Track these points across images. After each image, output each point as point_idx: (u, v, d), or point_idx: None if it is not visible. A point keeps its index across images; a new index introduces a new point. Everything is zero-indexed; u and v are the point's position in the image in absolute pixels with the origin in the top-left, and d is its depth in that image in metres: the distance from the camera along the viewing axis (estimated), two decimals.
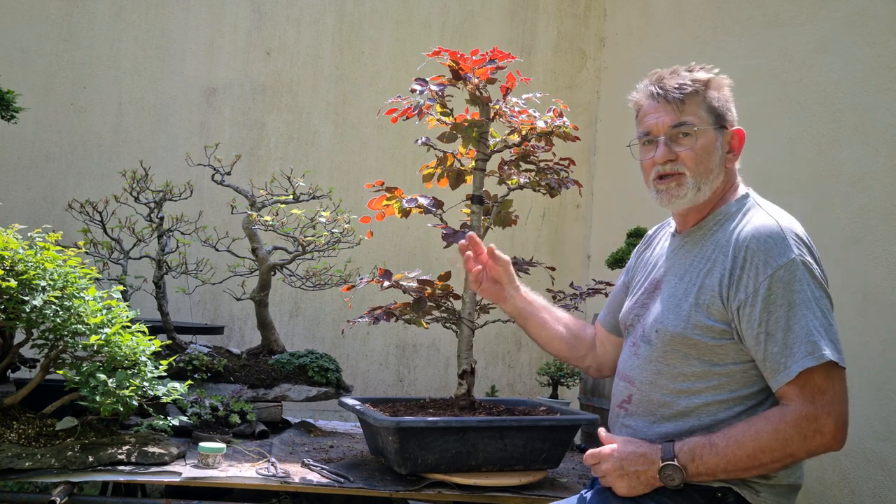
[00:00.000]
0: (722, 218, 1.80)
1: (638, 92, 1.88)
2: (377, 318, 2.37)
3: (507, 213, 2.52)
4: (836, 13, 3.09)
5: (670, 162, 1.78)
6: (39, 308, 1.98)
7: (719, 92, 1.82)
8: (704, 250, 1.78)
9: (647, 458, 1.68)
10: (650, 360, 1.79)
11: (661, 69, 1.87)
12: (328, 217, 2.90)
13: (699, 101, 1.79)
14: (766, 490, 1.68)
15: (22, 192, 3.70)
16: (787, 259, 1.65)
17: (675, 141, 1.79)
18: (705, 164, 1.78)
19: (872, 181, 2.88)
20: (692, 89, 1.79)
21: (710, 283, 1.72)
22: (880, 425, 2.78)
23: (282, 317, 4.00)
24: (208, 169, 3.07)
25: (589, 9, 4.69)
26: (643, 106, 1.86)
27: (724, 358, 1.70)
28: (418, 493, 2.15)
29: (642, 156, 1.85)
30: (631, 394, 1.83)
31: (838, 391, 1.61)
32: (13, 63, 3.69)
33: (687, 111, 1.78)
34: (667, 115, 1.79)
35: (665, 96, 1.79)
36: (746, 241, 1.69)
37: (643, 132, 1.84)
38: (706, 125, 1.78)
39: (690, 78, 1.81)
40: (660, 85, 1.81)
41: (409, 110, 2.37)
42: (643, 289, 1.92)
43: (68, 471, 2.01)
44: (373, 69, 4.28)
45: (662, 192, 1.80)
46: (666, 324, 1.75)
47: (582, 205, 4.61)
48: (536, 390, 4.21)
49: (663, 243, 1.96)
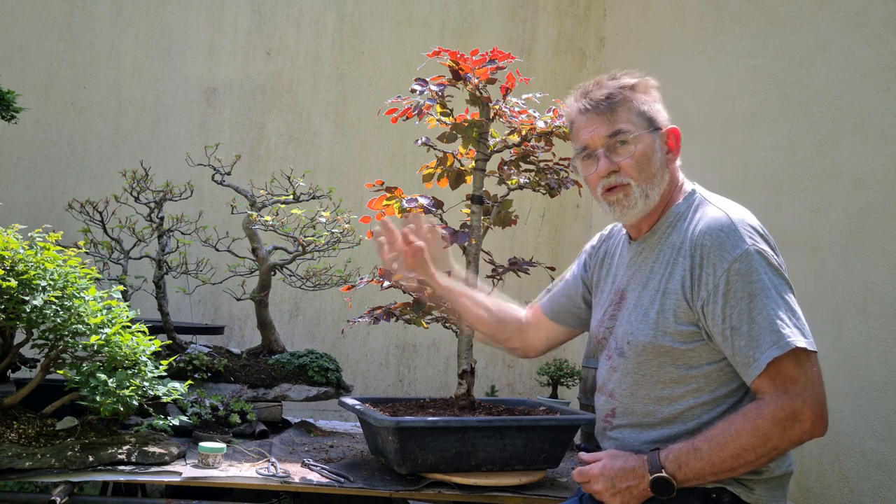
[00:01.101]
0: (674, 219, 1.80)
1: (568, 108, 1.88)
2: (377, 318, 2.37)
3: (507, 213, 2.53)
4: (836, 13, 3.09)
5: (613, 174, 1.78)
6: (39, 308, 1.98)
7: (646, 94, 1.82)
8: (662, 255, 1.78)
9: (636, 472, 1.68)
10: (627, 371, 1.80)
11: (584, 83, 1.87)
12: (328, 217, 2.91)
13: (628, 107, 1.79)
14: (760, 486, 1.69)
15: (22, 192, 3.70)
16: (741, 251, 1.65)
17: (614, 151, 1.78)
18: (648, 170, 1.78)
19: (872, 181, 2.88)
20: (620, 97, 1.79)
21: (672, 287, 1.72)
22: (880, 425, 2.78)
23: (282, 317, 4.00)
24: (208, 169, 3.08)
25: (589, 9, 4.69)
26: (575, 122, 1.85)
27: (699, 360, 1.71)
28: (418, 493, 2.15)
29: (585, 171, 1.85)
30: (614, 407, 1.83)
31: (811, 376, 1.60)
32: (13, 63, 3.69)
33: (619, 119, 1.78)
34: (600, 126, 1.79)
35: (594, 108, 1.79)
36: (701, 238, 1.70)
37: (580, 147, 1.84)
38: (640, 129, 1.78)
39: (616, 85, 1.81)
40: (587, 98, 1.82)
41: (409, 110, 2.37)
42: (609, 300, 1.92)
43: (68, 471, 2.02)
44: (373, 69, 4.28)
45: (614, 203, 1.80)
46: (636, 335, 1.76)
47: (582, 205, 4.61)
48: (536, 390, 4.22)
49: (622, 250, 1.96)
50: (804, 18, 3.23)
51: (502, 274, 2.54)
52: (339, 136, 4.21)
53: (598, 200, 1.85)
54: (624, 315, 1.83)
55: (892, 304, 2.78)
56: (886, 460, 2.76)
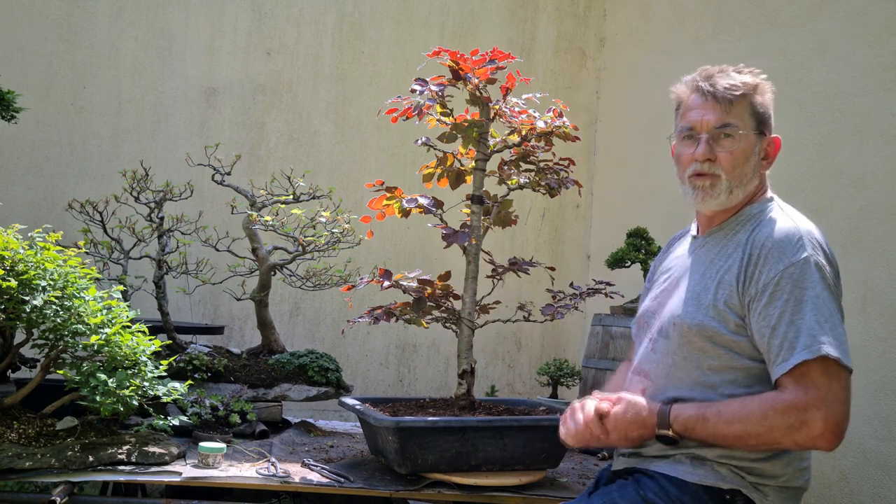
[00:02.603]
0: (745, 219, 1.80)
1: (684, 85, 1.86)
2: (377, 318, 2.37)
3: (507, 213, 2.52)
4: (836, 13, 3.09)
5: (709, 161, 1.77)
6: (40, 308, 1.98)
7: (763, 97, 1.82)
8: (725, 249, 1.78)
9: (646, 424, 1.70)
10: (667, 353, 1.78)
11: (709, 66, 1.85)
12: (328, 217, 2.90)
13: (746, 105, 1.78)
14: (774, 493, 1.68)
15: (22, 192, 3.70)
16: (799, 258, 1.65)
17: (717, 141, 1.77)
18: (741, 169, 1.77)
19: (872, 181, 2.88)
20: (742, 92, 1.78)
21: (728, 278, 1.72)
22: (880, 425, 2.78)
23: (282, 317, 4.00)
24: (208, 169, 3.07)
25: (589, 9, 4.69)
26: (687, 100, 1.84)
27: (741, 352, 1.69)
28: (418, 493, 2.15)
29: (681, 149, 1.83)
30: (644, 387, 1.81)
31: (835, 390, 1.58)
32: (13, 63, 3.69)
33: (733, 113, 1.77)
34: (713, 113, 1.77)
35: (714, 95, 1.78)
36: (763, 239, 1.70)
37: (686, 126, 1.81)
38: (749, 129, 1.78)
39: (741, 80, 1.80)
40: (710, 82, 1.80)
41: (409, 110, 2.37)
42: (662, 288, 1.92)
43: (68, 471, 2.02)
44: (373, 69, 4.28)
45: (698, 189, 1.79)
46: (684, 316, 1.75)
47: (582, 205, 4.61)
48: (536, 390, 4.22)
49: (683, 247, 1.96)
50: (804, 18, 3.23)
51: (502, 274, 2.54)
52: (339, 136, 4.21)
53: (681, 181, 1.83)
54: (674, 299, 1.82)
55: (891, 304, 2.78)
56: (886, 460, 2.76)
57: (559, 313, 2.46)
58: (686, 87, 1.85)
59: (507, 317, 2.51)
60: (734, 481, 1.67)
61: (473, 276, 2.43)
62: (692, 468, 1.70)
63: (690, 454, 1.71)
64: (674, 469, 1.71)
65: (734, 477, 1.68)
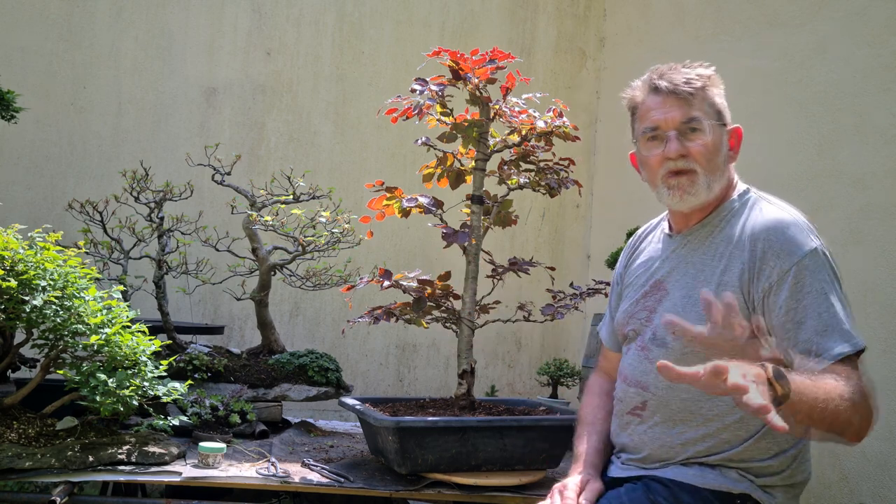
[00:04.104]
0: (727, 214, 1.77)
1: (635, 88, 1.84)
2: (377, 318, 2.37)
3: (507, 213, 2.52)
4: (836, 13, 3.09)
5: (682, 158, 1.73)
6: (39, 308, 1.98)
7: (719, 88, 1.80)
8: (715, 248, 1.74)
9: (760, 376, 1.39)
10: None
11: (659, 65, 1.83)
12: (328, 217, 2.91)
13: (705, 97, 1.76)
14: (782, 492, 1.67)
15: (22, 192, 3.70)
16: (810, 248, 1.63)
17: (685, 136, 1.74)
18: (714, 161, 1.74)
19: (872, 181, 2.88)
20: (701, 84, 1.75)
21: (729, 279, 1.68)
22: (880, 425, 2.76)
23: (282, 317, 4.00)
24: (208, 169, 3.07)
25: (589, 9, 4.69)
26: (644, 101, 1.81)
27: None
28: (418, 493, 2.15)
29: (647, 152, 1.79)
30: (645, 400, 1.76)
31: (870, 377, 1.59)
32: (13, 63, 3.69)
33: (696, 106, 1.74)
34: (677, 109, 1.74)
35: (675, 91, 1.75)
36: (762, 233, 1.67)
37: (649, 127, 1.78)
38: (713, 120, 1.75)
39: (696, 73, 1.77)
40: (666, 79, 1.77)
41: (409, 110, 2.37)
42: (641, 292, 1.86)
43: (68, 471, 2.02)
44: (373, 69, 4.28)
45: (674, 188, 1.74)
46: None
47: (582, 205, 4.61)
48: (536, 390, 4.21)
49: (655, 245, 1.91)
50: (804, 18, 3.23)
51: (502, 274, 2.54)
52: (339, 136, 4.21)
53: (654, 184, 1.79)
54: (667, 307, 1.76)
55: (891, 304, 2.78)
56: (886, 460, 2.76)
57: (559, 313, 2.46)
58: (640, 89, 1.83)
59: (507, 317, 2.51)
60: (744, 485, 1.66)
61: (473, 276, 2.43)
62: (701, 473, 1.68)
63: (697, 460, 1.69)
64: (684, 474, 1.69)
65: (743, 480, 1.67)
